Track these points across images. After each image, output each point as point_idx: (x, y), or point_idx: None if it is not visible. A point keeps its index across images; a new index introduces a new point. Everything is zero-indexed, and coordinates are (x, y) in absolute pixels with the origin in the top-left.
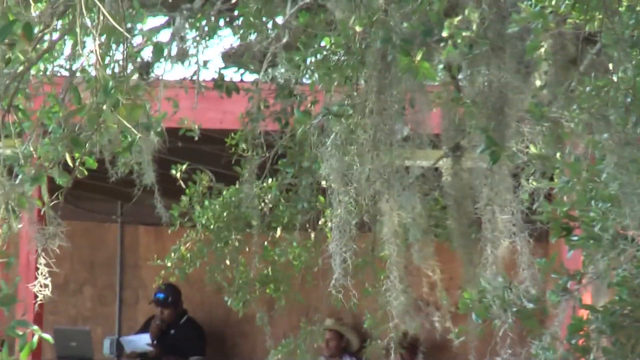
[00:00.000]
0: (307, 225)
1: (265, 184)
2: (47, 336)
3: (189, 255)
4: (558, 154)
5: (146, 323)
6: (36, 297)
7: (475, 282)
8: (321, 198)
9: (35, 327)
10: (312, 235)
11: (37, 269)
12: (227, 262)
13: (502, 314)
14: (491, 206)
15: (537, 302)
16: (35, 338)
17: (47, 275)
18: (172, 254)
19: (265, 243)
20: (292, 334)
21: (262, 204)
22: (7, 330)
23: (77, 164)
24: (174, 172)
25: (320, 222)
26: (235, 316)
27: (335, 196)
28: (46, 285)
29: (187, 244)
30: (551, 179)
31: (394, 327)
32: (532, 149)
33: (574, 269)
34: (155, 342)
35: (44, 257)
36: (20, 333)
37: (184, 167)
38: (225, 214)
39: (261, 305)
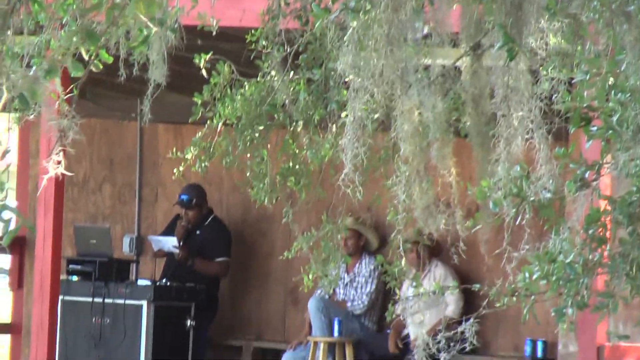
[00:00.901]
0: (329, 120)
1: (287, 78)
2: (30, 223)
3: (210, 147)
4: (578, 49)
5: (172, 222)
6: (60, 190)
7: (492, 174)
8: (344, 92)
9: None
10: (334, 128)
11: (59, 163)
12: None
13: (520, 203)
14: (507, 103)
15: (555, 193)
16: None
17: (60, 153)
18: (192, 147)
19: (287, 137)
20: (314, 230)
21: (285, 98)
22: None
23: (91, 57)
24: (197, 60)
25: (343, 116)
26: (253, 215)
27: (351, 92)
28: (59, 162)
29: (208, 137)
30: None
31: (414, 225)
32: (552, 44)
33: (592, 159)
34: (181, 243)
35: (61, 145)
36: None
37: (208, 56)
38: (247, 109)
39: (285, 201)
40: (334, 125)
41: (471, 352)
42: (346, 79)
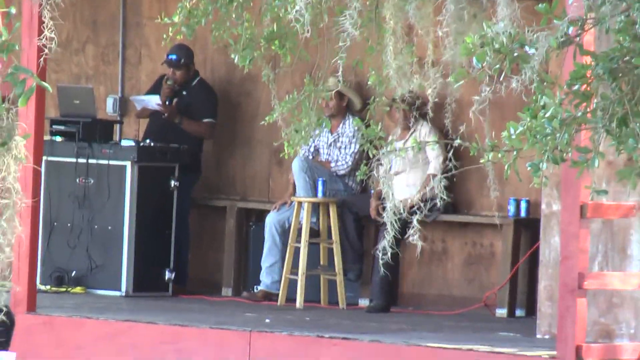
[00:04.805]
0: None
1: None
2: (46, 84)
3: (196, 12)
4: None
5: (156, 83)
6: (41, 51)
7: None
8: None
9: (34, 74)
10: None
11: (42, 22)
12: (233, 18)
13: (503, 59)
14: None
15: (537, 48)
16: (34, 85)
17: (53, 28)
18: (179, 11)
19: None
20: (296, 92)
21: None
22: (6, 76)
23: None
24: None
25: None
26: (238, 75)
27: None
28: (52, 39)
29: (193, 1)
30: None
31: (393, 86)
32: None
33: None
34: (168, 102)
35: (48, 10)
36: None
37: None
38: None
39: (266, 64)
40: None
41: (454, 212)
42: None
